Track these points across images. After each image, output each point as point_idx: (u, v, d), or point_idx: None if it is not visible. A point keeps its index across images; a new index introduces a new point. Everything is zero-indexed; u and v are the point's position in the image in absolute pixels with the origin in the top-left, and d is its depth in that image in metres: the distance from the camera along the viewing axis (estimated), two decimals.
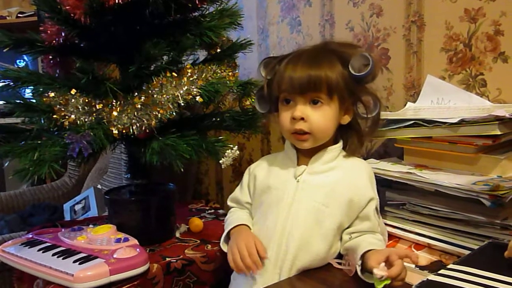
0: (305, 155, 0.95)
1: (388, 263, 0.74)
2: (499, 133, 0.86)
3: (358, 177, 0.91)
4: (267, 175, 0.98)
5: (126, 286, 0.94)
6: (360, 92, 0.92)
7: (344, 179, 0.90)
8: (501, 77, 1.00)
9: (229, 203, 1.07)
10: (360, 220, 0.89)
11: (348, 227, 0.90)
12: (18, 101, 1.01)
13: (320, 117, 0.89)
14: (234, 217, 1.00)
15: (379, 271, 0.72)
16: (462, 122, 0.89)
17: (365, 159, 1.03)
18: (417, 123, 0.97)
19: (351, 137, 0.96)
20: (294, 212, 0.89)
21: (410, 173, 0.93)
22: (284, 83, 0.90)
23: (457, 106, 1.03)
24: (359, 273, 0.79)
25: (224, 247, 0.95)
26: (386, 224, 0.97)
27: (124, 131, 0.98)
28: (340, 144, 0.95)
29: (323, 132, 0.91)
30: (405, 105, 1.14)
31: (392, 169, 0.98)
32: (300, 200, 0.90)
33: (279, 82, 0.92)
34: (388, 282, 0.72)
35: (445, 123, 0.91)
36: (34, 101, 1.02)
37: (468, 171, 0.92)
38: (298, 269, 0.87)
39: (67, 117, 0.99)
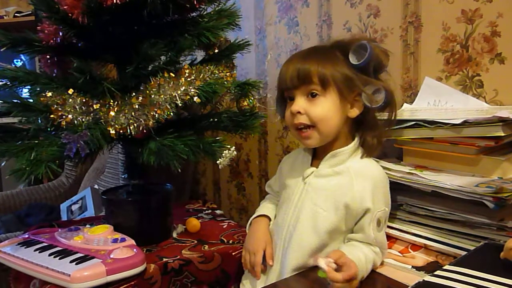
0: (319, 157, 0.94)
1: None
2: (503, 134, 0.85)
3: (361, 184, 0.87)
4: (287, 171, 1.01)
5: (123, 287, 0.94)
6: (362, 83, 0.89)
7: (346, 184, 0.88)
8: (498, 78, 1.00)
9: (266, 188, 1.13)
10: (356, 229, 0.89)
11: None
12: (15, 100, 1.00)
13: (318, 108, 0.88)
14: (262, 205, 1.08)
15: (323, 263, 0.76)
16: (465, 123, 0.88)
17: None
18: (418, 124, 0.96)
19: (365, 134, 0.93)
20: (298, 213, 0.91)
21: (412, 173, 0.92)
22: (280, 81, 0.94)
23: (454, 107, 1.03)
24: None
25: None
26: None
27: (121, 131, 0.98)
28: (352, 145, 0.92)
29: (325, 125, 0.89)
30: (401, 106, 1.14)
31: (394, 169, 0.97)
32: (303, 202, 0.92)
33: (278, 81, 0.95)
34: (324, 276, 0.76)
35: (447, 124, 0.91)
36: (31, 100, 1.02)
37: (469, 172, 0.92)
38: (296, 268, 0.89)
39: (64, 117, 0.98)
